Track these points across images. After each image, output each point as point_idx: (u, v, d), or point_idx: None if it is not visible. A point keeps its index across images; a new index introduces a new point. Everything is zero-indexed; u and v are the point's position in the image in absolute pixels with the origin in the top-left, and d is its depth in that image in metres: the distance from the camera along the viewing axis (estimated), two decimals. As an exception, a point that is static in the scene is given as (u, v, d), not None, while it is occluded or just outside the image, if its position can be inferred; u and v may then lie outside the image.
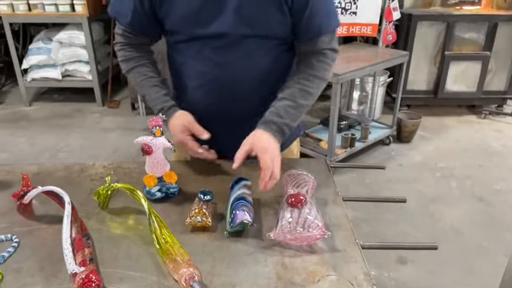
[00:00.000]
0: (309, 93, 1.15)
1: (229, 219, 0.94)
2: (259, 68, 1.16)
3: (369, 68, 2.94)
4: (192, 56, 1.16)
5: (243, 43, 1.11)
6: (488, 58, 3.80)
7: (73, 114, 4.05)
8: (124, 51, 1.22)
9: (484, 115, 4.01)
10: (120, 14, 1.16)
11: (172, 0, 1.09)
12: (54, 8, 3.83)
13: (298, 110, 1.14)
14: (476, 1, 3.84)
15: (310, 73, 1.15)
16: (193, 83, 1.20)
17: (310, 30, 1.12)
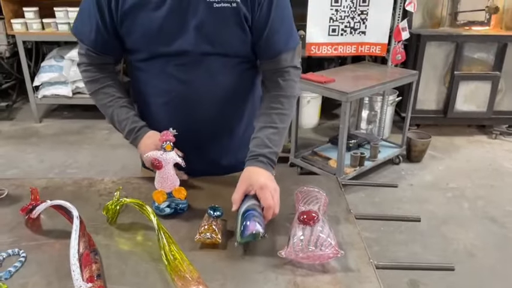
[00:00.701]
0: (286, 115, 1.17)
1: (240, 230, 0.92)
2: (223, 86, 1.17)
3: (378, 87, 2.94)
4: (155, 74, 1.15)
5: (206, 61, 1.12)
6: (498, 78, 3.78)
7: (82, 130, 4.08)
8: (88, 72, 1.19)
9: (495, 135, 3.97)
10: (83, 34, 1.15)
11: (134, 18, 1.09)
12: (67, 26, 3.90)
13: (280, 135, 1.15)
14: (485, 22, 3.85)
15: (281, 94, 1.17)
16: (157, 101, 1.20)
17: (270, 49, 1.14)
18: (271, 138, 1.12)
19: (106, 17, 1.10)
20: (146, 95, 1.21)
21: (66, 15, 3.86)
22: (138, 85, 1.22)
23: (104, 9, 1.09)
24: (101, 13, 1.10)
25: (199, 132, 1.20)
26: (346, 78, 3.04)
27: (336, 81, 2.87)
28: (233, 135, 1.26)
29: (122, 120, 1.18)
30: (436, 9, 3.92)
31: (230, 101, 1.20)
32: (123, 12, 1.09)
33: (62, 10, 3.85)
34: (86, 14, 1.13)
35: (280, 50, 1.15)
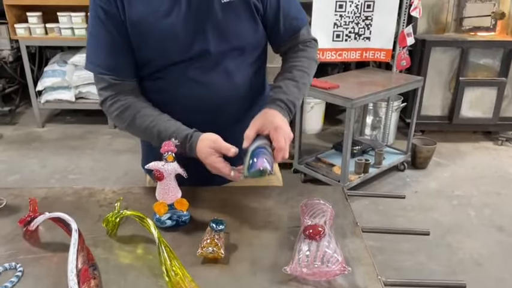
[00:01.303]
0: (306, 73, 1.19)
1: (249, 164, 0.95)
2: (239, 85, 1.16)
3: (382, 93, 2.91)
4: (174, 81, 1.12)
5: (223, 60, 1.12)
6: (504, 84, 3.75)
7: (85, 136, 4.06)
8: (117, 103, 1.11)
9: (501, 142, 3.92)
10: (100, 65, 1.09)
11: (143, 28, 1.05)
12: (70, 31, 3.90)
13: (299, 90, 1.16)
14: (491, 27, 3.82)
15: (302, 55, 1.21)
16: (175, 108, 1.14)
17: (289, 28, 1.18)
18: (290, 89, 1.14)
19: (117, 34, 1.06)
20: (163, 104, 1.15)
21: (69, 20, 3.86)
22: (153, 96, 1.16)
23: (112, 28, 1.05)
24: (110, 33, 1.06)
25: (219, 132, 1.14)
26: (351, 84, 3.01)
27: (340, 87, 2.84)
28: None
29: (172, 133, 1.08)
30: (441, 14, 3.89)
31: (246, 101, 1.20)
32: (131, 23, 1.05)
33: (65, 15, 3.85)
34: (96, 44, 1.09)
35: (299, 26, 1.20)
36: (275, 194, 1.22)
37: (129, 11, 1.04)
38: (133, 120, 1.11)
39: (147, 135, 1.13)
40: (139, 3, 1.04)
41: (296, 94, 1.14)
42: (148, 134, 1.11)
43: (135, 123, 1.11)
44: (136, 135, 1.18)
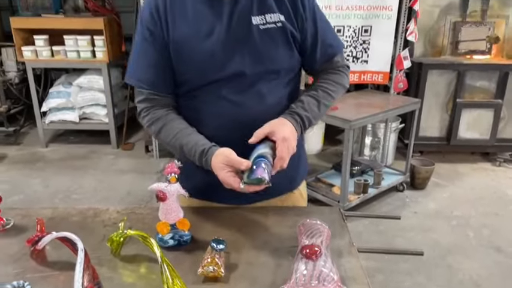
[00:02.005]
0: (331, 96, 1.24)
1: (248, 172, 1.01)
2: (271, 106, 1.19)
3: (381, 115, 2.97)
4: (207, 99, 1.16)
5: (257, 81, 1.15)
6: (501, 106, 3.81)
7: (88, 155, 4.12)
8: (150, 115, 1.18)
9: (499, 163, 3.96)
10: (141, 80, 1.17)
11: (185, 48, 1.11)
12: (76, 54, 4.00)
13: (319, 109, 1.21)
14: (486, 50, 3.91)
15: (332, 79, 1.25)
16: (209, 126, 1.19)
17: (325, 54, 1.23)
18: (311, 107, 1.19)
19: (160, 53, 1.13)
20: (197, 122, 1.19)
21: (75, 43, 3.97)
22: (186, 113, 1.21)
23: (156, 47, 1.13)
24: (154, 52, 1.13)
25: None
26: (349, 105, 3.07)
27: (339, 108, 2.90)
28: None
29: (191, 147, 1.13)
30: (437, 38, 3.98)
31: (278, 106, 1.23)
32: (174, 43, 1.12)
33: (71, 38, 3.96)
34: (140, 61, 1.16)
35: (334, 53, 1.25)
36: (274, 214, 1.26)
37: (173, 33, 1.11)
38: (160, 132, 1.18)
39: (171, 147, 1.19)
40: (183, 26, 1.11)
41: (315, 113, 1.19)
42: (172, 146, 1.18)
43: (161, 136, 1.19)
44: (167, 147, 1.24)
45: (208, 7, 1.11)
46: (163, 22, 1.11)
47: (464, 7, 3.86)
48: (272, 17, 1.13)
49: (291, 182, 1.33)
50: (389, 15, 3.20)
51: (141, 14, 1.18)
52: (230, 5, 1.11)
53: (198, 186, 1.26)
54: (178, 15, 1.11)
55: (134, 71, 1.18)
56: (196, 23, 1.11)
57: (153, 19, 1.12)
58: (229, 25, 1.11)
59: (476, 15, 3.88)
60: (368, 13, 3.19)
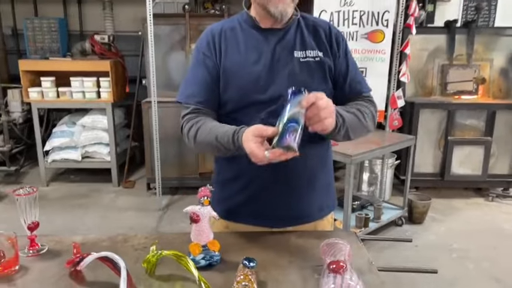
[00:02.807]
0: (364, 118, 1.29)
1: (279, 137, 1.03)
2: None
3: (378, 151, 3.10)
4: (247, 121, 1.22)
5: None
6: (490, 143, 3.99)
7: (89, 194, 4.15)
8: (191, 122, 1.27)
9: (492, 198, 4.08)
10: (190, 97, 1.29)
11: (234, 74, 1.25)
12: (81, 95, 4.12)
13: (355, 124, 1.25)
14: (474, 91, 4.13)
15: (360, 103, 1.32)
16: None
17: (354, 88, 1.33)
18: (349, 117, 1.23)
19: (211, 75, 1.27)
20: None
21: (81, 84, 4.10)
22: None
23: (208, 69, 1.27)
24: (206, 73, 1.27)
25: (285, 175, 1.30)
26: (348, 141, 3.19)
27: (338, 144, 3.03)
28: (314, 177, 1.36)
29: (224, 134, 1.18)
30: (426, 79, 4.22)
31: (311, 146, 1.31)
32: (225, 68, 1.27)
33: (77, 80, 4.09)
34: (191, 81, 1.30)
35: (362, 90, 1.35)
36: (296, 237, 1.34)
37: (224, 59, 1.27)
38: (197, 134, 1.24)
39: (208, 145, 1.23)
40: (234, 54, 1.27)
41: (351, 123, 1.23)
42: (208, 143, 1.22)
43: (197, 137, 1.24)
44: (204, 150, 1.29)
45: (257, 41, 1.28)
46: (218, 50, 1.28)
47: (451, 51, 4.12)
48: (312, 53, 1.28)
49: (320, 210, 1.42)
50: (382, 58, 3.41)
51: (198, 43, 1.33)
52: (276, 40, 1.28)
53: (231, 208, 1.36)
54: (231, 45, 1.29)
55: (185, 89, 1.31)
56: (246, 53, 1.27)
57: (208, 46, 1.29)
58: (274, 55, 1.26)
59: (462, 59, 4.14)
60: (363, 56, 3.40)
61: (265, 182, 1.30)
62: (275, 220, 1.36)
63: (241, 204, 1.34)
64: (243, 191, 1.34)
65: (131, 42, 4.83)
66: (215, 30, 1.32)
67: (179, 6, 4.27)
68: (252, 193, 1.33)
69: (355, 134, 1.28)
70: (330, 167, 1.43)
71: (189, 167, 4.05)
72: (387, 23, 3.35)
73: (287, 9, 1.22)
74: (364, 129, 1.31)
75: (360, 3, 3.30)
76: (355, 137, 1.29)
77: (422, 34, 3.93)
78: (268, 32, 1.28)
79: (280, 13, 1.22)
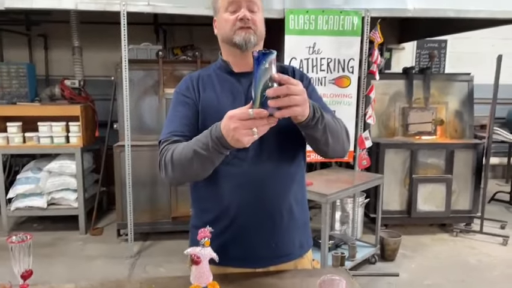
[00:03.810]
0: (341, 127, 1.30)
1: (259, 105, 1.03)
2: (284, 159, 1.35)
3: (351, 190, 3.21)
4: (226, 161, 1.23)
5: (268, 139, 1.21)
6: (451, 180, 4.22)
7: (55, 242, 3.96)
8: (167, 148, 1.26)
9: (456, 233, 4.26)
10: (170, 132, 1.31)
11: (213, 111, 1.29)
12: (49, 140, 4.03)
13: (333, 126, 1.23)
14: (432, 131, 4.41)
15: (337, 121, 1.32)
16: (229, 185, 1.32)
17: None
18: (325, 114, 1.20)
19: (190, 112, 1.33)
20: (217, 180, 1.32)
21: (49, 129, 4.02)
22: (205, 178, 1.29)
23: (188, 107, 1.34)
24: (185, 110, 1.33)
25: (265, 209, 1.33)
26: (320, 181, 3.30)
27: (313, 184, 3.12)
28: (292, 216, 1.39)
29: (200, 138, 1.17)
30: (389, 121, 4.46)
31: (292, 178, 1.37)
32: (202, 106, 1.33)
33: (46, 125, 4.02)
34: (172, 119, 1.35)
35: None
36: (289, 277, 1.36)
37: (202, 99, 1.35)
38: (173, 154, 1.22)
39: (186, 158, 1.18)
40: (211, 95, 1.35)
41: (326, 115, 1.21)
42: (186, 154, 1.18)
43: (174, 157, 1.21)
44: (183, 170, 1.22)
45: (231, 84, 1.37)
46: (196, 91, 1.37)
47: (410, 95, 4.41)
48: None
49: (300, 247, 1.46)
50: (349, 101, 3.61)
51: (178, 87, 1.41)
52: (249, 83, 1.32)
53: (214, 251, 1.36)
54: (208, 88, 1.38)
55: (166, 129, 1.34)
56: (222, 95, 1.35)
57: (188, 89, 1.38)
58: (247, 96, 1.32)
59: (421, 102, 4.44)
60: (332, 100, 3.59)
61: (246, 223, 1.33)
62: (258, 260, 1.38)
63: (222, 247, 1.31)
64: (224, 234, 1.35)
65: (101, 87, 4.84)
66: (193, 76, 1.42)
67: (152, 52, 4.37)
68: (233, 235, 1.35)
69: (333, 138, 1.24)
70: (306, 206, 1.49)
71: (161, 211, 3.99)
72: (352, 69, 3.58)
73: (250, 37, 1.30)
74: (341, 138, 1.29)
75: (327, 52, 3.53)
76: (333, 142, 1.25)
77: (383, 79, 4.20)
78: (241, 75, 1.37)
79: (244, 41, 1.29)
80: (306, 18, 3.46)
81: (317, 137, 1.21)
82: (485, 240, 4.12)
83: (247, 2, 1.32)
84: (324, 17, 3.47)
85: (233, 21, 1.31)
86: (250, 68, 1.34)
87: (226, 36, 1.34)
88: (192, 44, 5.14)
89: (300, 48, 3.50)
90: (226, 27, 1.32)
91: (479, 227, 4.22)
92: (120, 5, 3.25)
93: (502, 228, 4.40)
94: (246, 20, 1.30)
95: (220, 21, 1.36)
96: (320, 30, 3.49)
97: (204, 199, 1.39)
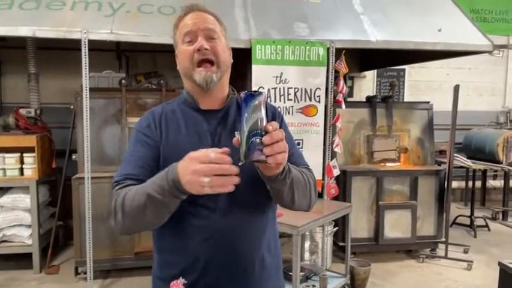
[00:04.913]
0: (304, 177, 1.21)
1: (246, 150, 0.97)
2: (258, 212, 1.25)
3: (321, 220, 3.17)
4: (193, 211, 1.18)
5: (247, 188, 1.15)
6: (416, 206, 4.29)
7: (7, 283, 3.65)
8: (120, 193, 1.14)
9: (422, 259, 4.31)
10: (125, 174, 1.19)
11: (176, 154, 1.11)
12: (1, 172, 3.77)
13: (300, 181, 1.17)
14: (396, 159, 4.49)
15: (305, 171, 1.25)
16: (196, 239, 1.20)
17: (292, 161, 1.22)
18: (292, 167, 1.14)
19: (151, 152, 1.21)
20: (183, 232, 1.20)
21: (2, 161, 3.77)
22: (171, 227, 1.19)
23: (149, 147, 1.21)
24: (144, 150, 1.21)
25: (236, 262, 1.22)
26: (291, 212, 3.20)
27: (283, 215, 3.05)
28: (265, 265, 1.28)
29: (155, 180, 1.07)
30: (355, 149, 4.51)
31: (264, 227, 1.27)
32: (164, 147, 1.21)
33: (-2, 156, 3.76)
34: (129, 160, 1.22)
35: (301, 162, 1.30)
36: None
37: (165, 141, 1.23)
38: (124, 198, 1.11)
39: (139, 203, 1.07)
40: (175, 137, 1.23)
41: (293, 168, 1.14)
42: (139, 198, 1.07)
43: (125, 201, 1.10)
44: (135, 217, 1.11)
45: (197, 123, 1.25)
46: (158, 130, 1.25)
47: (374, 123, 4.50)
48: None
49: None
50: (317, 130, 3.63)
51: (138, 124, 1.29)
52: (216, 122, 1.26)
53: None
54: (172, 127, 1.25)
55: (123, 169, 1.22)
56: (187, 135, 1.24)
57: (149, 127, 1.26)
58: (214, 137, 1.23)
59: (384, 129, 4.53)
60: (299, 129, 3.59)
61: (215, 278, 1.22)
62: None
63: None
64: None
65: (58, 114, 4.63)
66: (156, 112, 1.29)
67: (114, 80, 4.24)
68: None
69: (299, 194, 1.17)
70: (278, 251, 1.39)
71: (123, 246, 3.78)
72: (319, 98, 3.61)
73: (212, 76, 1.20)
74: (307, 193, 1.23)
75: (294, 81, 3.54)
76: (299, 198, 1.18)
77: (348, 108, 4.25)
78: (207, 113, 1.27)
79: (205, 81, 1.20)
80: (272, 48, 3.47)
81: (283, 192, 1.14)
82: (451, 265, 4.18)
83: (205, 31, 1.23)
84: (290, 47, 3.50)
85: (190, 53, 1.22)
86: (218, 105, 1.29)
87: (186, 71, 1.25)
88: (156, 71, 5.06)
89: (267, 77, 3.50)
90: (186, 61, 1.24)
91: (443, 251, 4.29)
92: (81, 32, 3.13)
93: (465, 252, 4.50)
94: (203, 50, 1.21)
95: (179, 54, 1.28)
96: (287, 60, 3.51)
97: (169, 251, 1.26)
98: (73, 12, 3.35)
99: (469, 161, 5.34)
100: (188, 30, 1.23)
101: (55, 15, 3.30)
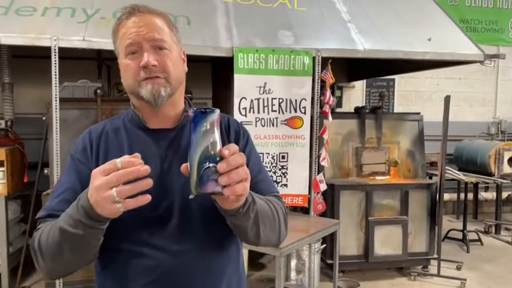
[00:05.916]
0: (272, 209, 1.04)
1: (197, 180, 0.80)
2: (217, 250, 1.07)
3: (306, 239, 2.99)
4: (136, 250, 1.01)
5: (194, 223, 1.03)
6: (407, 222, 4.12)
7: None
8: (37, 232, 1.00)
9: (414, 277, 4.13)
10: (50, 210, 1.03)
11: None
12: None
13: (266, 213, 1.00)
14: (386, 172, 4.34)
15: (273, 200, 1.08)
16: (139, 283, 1.02)
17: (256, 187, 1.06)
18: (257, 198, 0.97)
19: (82, 183, 1.01)
20: (126, 273, 1.02)
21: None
22: (112, 265, 1.04)
23: (83, 175, 1.03)
24: (76, 181, 1.04)
25: None
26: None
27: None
28: None
29: (68, 211, 0.91)
30: (343, 162, 4.35)
31: (225, 265, 1.09)
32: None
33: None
34: (58, 191, 1.06)
35: (268, 188, 1.13)
36: None
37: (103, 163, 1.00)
38: (40, 236, 0.96)
39: (54, 242, 0.92)
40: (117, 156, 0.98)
41: (262, 205, 0.99)
42: (53, 233, 0.92)
43: (41, 239, 0.96)
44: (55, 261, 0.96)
45: (144, 144, 1.07)
46: (95, 155, 1.07)
47: (363, 135, 4.35)
48: None
49: None
50: (302, 143, 3.45)
51: (73, 148, 1.12)
52: (167, 144, 1.08)
53: None
54: (112, 150, 1.07)
55: (49, 203, 1.05)
56: (130, 154, 0.96)
57: (84, 152, 1.08)
58: (164, 161, 1.05)
59: (373, 141, 4.38)
60: (284, 141, 3.41)
61: None
62: None
63: None
64: None
65: (33, 125, 4.41)
66: (94, 132, 1.11)
67: (90, 90, 4.04)
68: None
69: (265, 229, 1.00)
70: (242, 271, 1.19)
71: (97, 266, 3.56)
72: (305, 109, 3.44)
73: (160, 90, 1.02)
74: (276, 227, 1.05)
75: (278, 92, 3.37)
76: (265, 234, 1.01)
77: (336, 119, 4.09)
78: (157, 133, 1.09)
79: (153, 96, 1.02)
80: (255, 57, 3.31)
81: (246, 228, 0.96)
82: (443, 283, 4.01)
83: (151, 41, 1.02)
84: (274, 56, 3.34)
85: (134, 69, 1.02)
86: (168, 124, 1.10)
87: (130, 87, 1.06)
88: (137, 81, 4.87)
89: (250, 87, 3.33)
90: (129, 78, 1.04)
91: (436, 269, 4.11)
92: (51, 39, 2.94)
93: (458, 269, 4.33)
94: (150, 68, 1.01)
95: (121, 68, 1.08)
96: (271, 69, 3.35)
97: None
98: (44, 18, 3.17)
99: (461, 174, 5.19)
100: (130, 41, 1.03)
101: (24, 21, 3.11)
